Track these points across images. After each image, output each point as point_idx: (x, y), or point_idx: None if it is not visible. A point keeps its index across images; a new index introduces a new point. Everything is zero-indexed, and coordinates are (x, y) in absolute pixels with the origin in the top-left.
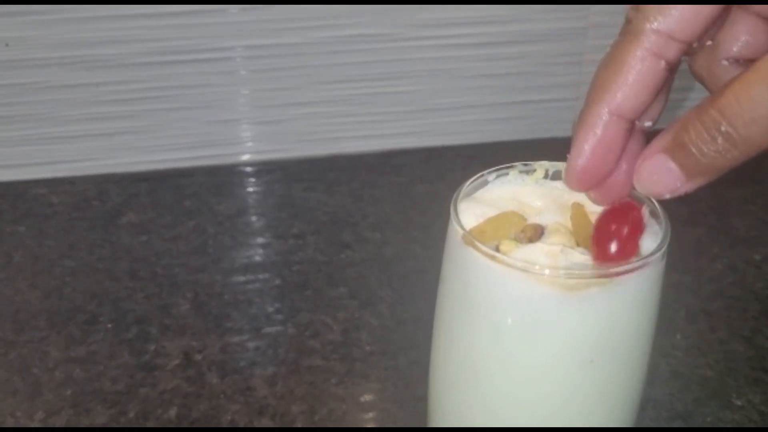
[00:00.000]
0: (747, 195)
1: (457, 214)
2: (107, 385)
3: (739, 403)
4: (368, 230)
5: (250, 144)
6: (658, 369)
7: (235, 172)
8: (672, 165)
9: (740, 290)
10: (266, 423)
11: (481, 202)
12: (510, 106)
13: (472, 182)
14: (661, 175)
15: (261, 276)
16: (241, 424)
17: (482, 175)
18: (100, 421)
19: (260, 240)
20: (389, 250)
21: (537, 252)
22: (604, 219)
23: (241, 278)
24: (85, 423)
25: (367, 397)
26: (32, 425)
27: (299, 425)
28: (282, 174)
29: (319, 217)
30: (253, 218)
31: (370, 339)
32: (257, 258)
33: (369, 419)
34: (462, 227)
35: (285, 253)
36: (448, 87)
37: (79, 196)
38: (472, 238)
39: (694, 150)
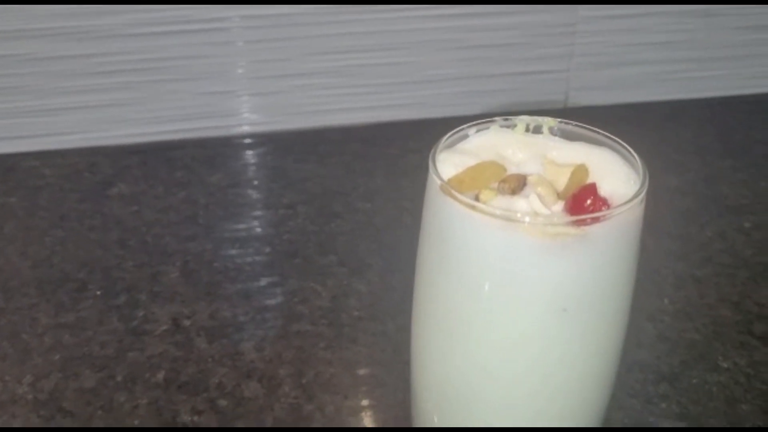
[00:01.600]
0: (737, 165)
1: (435, 164)
2: (96, 350)
3: (725, 365)
4: (359, 200)
5: (241, 116)
6: (645, 332)
7: (227, 144)
8: None
9: (729, 257)
10: (254, 386)
11: (461, 153)
12: (502, 78)
13: (452, 135)
14: None
15: (251, 245)
16: (229, 388)
17: (462, 129)
18: (88, 384)
19: (251, 210)
20: (380, 220)
21: (516, 203)
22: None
23: (231, 247)
24: (73, 386)
25: (355, 361)
26: (21, 389)
27: (286, 388)
28: (273, 146)
29: (310, 188)
30: (244, 189)
31: (358, 305)
32: (248, 227)
33: (356, 382)
34: (440, 177)
35: (275, 222)
36: (439, 59)
37: (71, 168)
38: (450, 187)
39: None
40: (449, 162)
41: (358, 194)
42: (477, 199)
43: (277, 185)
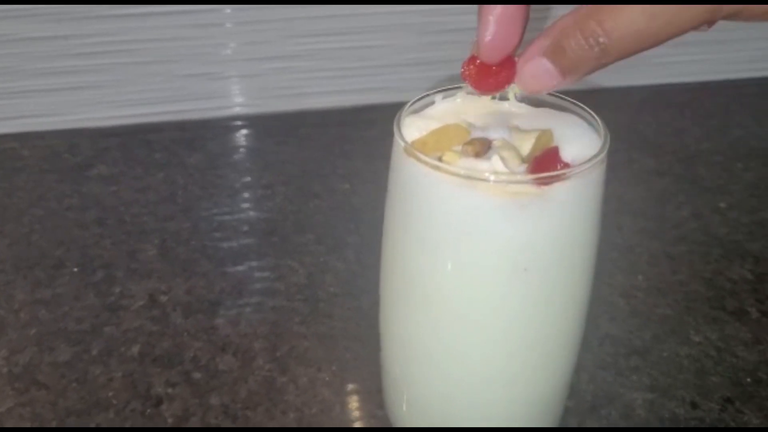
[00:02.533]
0: (714, 147)
1: (399, 128)
2: (71, 325)
3: (696, 339)
4: (338, 181)
5: (221, 99)
6: (618, 308)
7: (206, 126)
8: (550, 66)
9: (704, 235)
10: (228, 360)
11: (427, 118)
12: None
13: (418, 100)
14: (540, 76)
15: (229, 224)
16: (203, 361)
17: (428, 95)
18: (63, 358)
19: (229, 190)
20: (358, 200)
21: (479, 165)
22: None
23: (209, 226)
24: (48, 360)
25: (329, 335)
26: None
27: (261, 361)
28: (253, 129)
29: (289, 170)
30: (223, 170)
31: (334, 282)
32: (226, 207)
33: (330, 356)
34: (403, 139)
35: (254, 201)
36: (421, 42)
37: (50, 150)
38: (414, 149)
39: (571, 54)
40: (414, 126)
41: (336, 176)
42: (440, 161)
43: (257, 167)
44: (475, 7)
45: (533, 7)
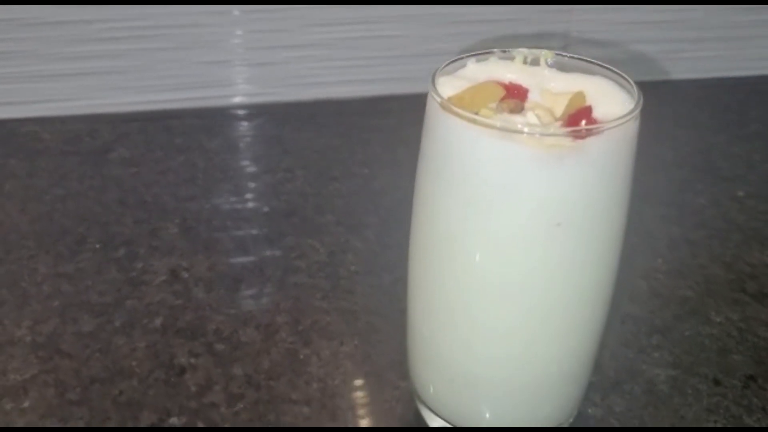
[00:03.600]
0: (731, 139)
1: (434, 86)
2: (94, 298)
3: (718, 319)
4: (357, 166)
5: (239, 87)
6: (639, 289)
7: (225, 114)
8: None
9: (723, 222)
10: (251, 333)
11: (460, 78)
12: None
13: (451, 63)
14: None
15: (249, 205)
16: (226, 333)
17: (461, 58)
18: (86, 329)
19: (249, 172)
20: (377, 184)
21: (515, 119)
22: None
23: (230, 207)
24: (71, 330)
25: (351, 310)
26: (19, 332)
27: (283, 334)
28: (270, 117)
29: (308, 154)
30: (243, 154)
31: (355, 260)
32: (246, 188)
33: (352, 329)
34: (440, 95)
35: (274, 184)
36: (437, 33)
37: (71, 134)
38: (450, 104)
39: None
40: (449, 85)
41: (355, 161)
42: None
43: (276, 151)
44: None
45: (553, 6)
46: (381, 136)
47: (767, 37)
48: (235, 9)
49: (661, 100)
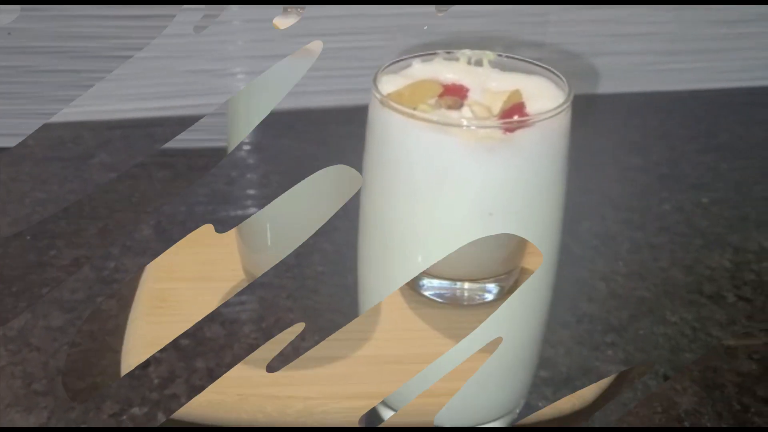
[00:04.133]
0: (700, 148)
1: (376, 84)
2: (66, 295)
3: (673, 319)
4: None
5: (222, 96)
6: (597, 290)
7: None
8: None
9: (686, 227)
10: (215, 328)
11: (405, 77)
12: None
13: (395, 62)
14: None
15: (221, 208)
16: (191, 329)
17: (406, 58)
18: (56, 323)
19: (224, 177)
20: None
21: (451, 114)
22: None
23: (203, 210)
24: (41, 325)
25: (315, 309)
26: None
27: (247, 330)
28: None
29: (284, 160)
30: (222, 161)
31: (322, 261)
32: (220, 192)
33: (315, 327)
34: (380, 92)
35: (247, 188)
36: (416, 44)
37: (55, 140)
38: (389, 100)
39: None
40: (391, 83)
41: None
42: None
43: (253, 158)
44: (475, 9)
45: (531, 8)
46: (357, 144)
47: (739, 50)
48: (232, 20)
49: (632, 112)
